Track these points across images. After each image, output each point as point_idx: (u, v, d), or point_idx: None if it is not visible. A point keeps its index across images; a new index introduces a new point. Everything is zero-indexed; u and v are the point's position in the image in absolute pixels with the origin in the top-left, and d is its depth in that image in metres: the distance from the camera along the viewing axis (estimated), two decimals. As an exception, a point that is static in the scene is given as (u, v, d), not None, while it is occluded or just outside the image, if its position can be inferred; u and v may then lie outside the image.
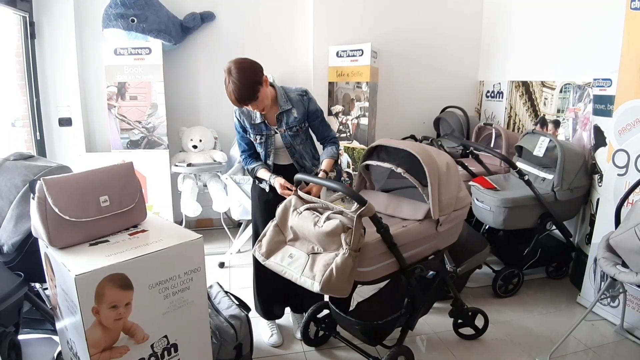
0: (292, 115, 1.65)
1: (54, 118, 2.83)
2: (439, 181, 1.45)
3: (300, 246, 1.41)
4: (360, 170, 1.71)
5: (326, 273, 1.27)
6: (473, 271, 2.27)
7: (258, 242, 1.48)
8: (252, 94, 1.50)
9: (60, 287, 1.22)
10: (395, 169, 1.47)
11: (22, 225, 1.51)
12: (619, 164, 2.02)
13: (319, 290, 1.27)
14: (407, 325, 1.62)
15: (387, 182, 1.74)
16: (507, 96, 3.13)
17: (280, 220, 1.47)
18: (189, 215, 2.71)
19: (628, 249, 1.57)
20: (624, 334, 1.93)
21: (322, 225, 1.32)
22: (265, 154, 1.73)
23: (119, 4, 2.63)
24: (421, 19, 3.27)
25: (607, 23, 2.27)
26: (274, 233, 1.46)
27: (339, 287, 1.28)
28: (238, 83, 1.47)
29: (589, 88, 2.39)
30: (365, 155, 1.63)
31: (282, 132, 1.68)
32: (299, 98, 1.67)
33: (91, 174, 1.31)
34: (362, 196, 1.31)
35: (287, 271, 1.37)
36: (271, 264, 1.43)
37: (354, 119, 3.03)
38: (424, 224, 1.50)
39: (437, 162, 1.46)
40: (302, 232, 1.39)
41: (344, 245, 1.28)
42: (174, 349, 1.28)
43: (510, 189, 2.30)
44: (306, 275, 1.31)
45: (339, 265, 1.27)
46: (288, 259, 1.39)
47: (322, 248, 1.35)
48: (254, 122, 1.68)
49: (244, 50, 3.10)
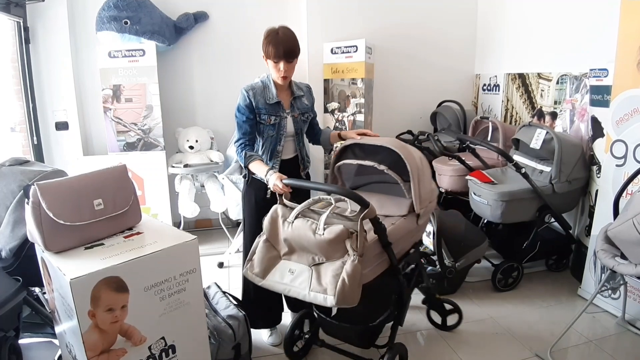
0: (304, 102, 1.74)
1: (50, 122, 2.84)
2: (418, 175, 1.44)
3: (298, 259, 1.32)
4: (334, 171, 1.63)
5: (338, 284, 1.20)
6: (472, 265, 2.28)
7: (248, 261, 1.38)
8: (297, 50, 1.59)
9: (57, 291, 1.23)
10: (378, 166, 1.43)
11: (19, 230, 1.51)
12: (617, 155, 2.00)
13: (334, 304, 1.20)
14: (396, 321, 1.59)
15: (355, 179, 1.70)
16: (504, 89, 3.11)
17: (270, 233, 1.36)
18: (187, 216, 2.71)
19: (626, 241, 1.56)
20: (625, 325, 1.93)
21: (323, 232, 1.24)
22: (276, 138, 1.65)
23: (112, 6, 2.63)
24: (416, 14, 3.25)
25: (602, 12, 2.25)
26: (266, 249, 1.36)
27: (352, 296, 1.22)
28: (290, 35, 1.57)
29: (585, 79, 2.37)
30: (339, 155, 1.56)
31: (295, 116, 1.70)
32: (307, 90, 1.79)
33: (85, 177, 1.31)
34: (364, 198, 1.25)
35: (291, 289, 1.28)
36: (270, 283, 1.32)
37: (350, 115, 3.02)
38: (408, 218, 1.49)
39: (415, 157, 1.46)
40: (300, 243, 1.30)
41: (351, 251, 1.22)
42: (171, 351, 1.28)
43: (508, 182, 2.29)
44: (315, 290, 1.23)
45: (350, 273, 1.20)
46: (289, 275, 1.30)
47: (325, 257, 1.27)
48: (270, 103, 1.64)
49: (238, 49, 3.11)
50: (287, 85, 1.70)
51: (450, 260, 2.12)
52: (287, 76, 1.63)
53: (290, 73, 1.63)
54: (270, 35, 1.56)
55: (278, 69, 1.60)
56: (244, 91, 1.64)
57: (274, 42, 1.55)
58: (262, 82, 1.67)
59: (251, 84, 1.66)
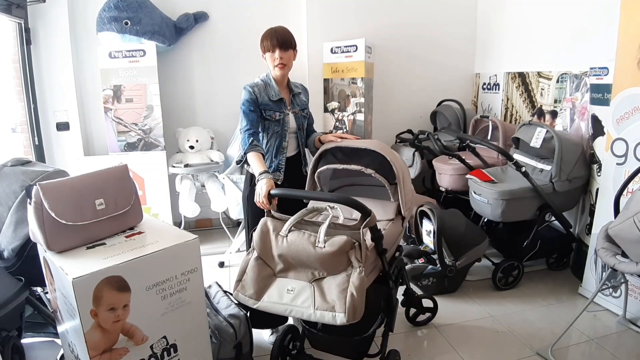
0: (302, 98, 1.78)
1: (51, 123, 2.84)
2: (403, 177, 1.42)
3: (296, 275, 1.22)
4: (313, 175, 1.58)
5: (348, 299, 1.12)
6: (472, 264, 2.28)
7: (237, 282, 1.27)
8: (292, 41, 1.64)
9: (60, 291, 1.23)
10: (365, 170, 1.37)
11: (21, 230, 1.52)
12: (617, 153, 2.00)
13: (344, 321, 1.12)
14: (388, 328, 1.52)
15: (331, 183, 1.67)
16: (504, 88, 3.11)
17: (262, 250, 1.26)
18: (187, 215, 2.72)
19: (627, 239, 1.56)
20: (626, 324, 1.92)
21: (324, 245, 1.16)
22: (281, 134, 1.66)
23: (112, 7, 2.63)
24: (415, 12, 3.25)
25: (602, 11, 2.25)
26: (258, 267, 1.25)
27: (360, 310, 1.14)
28: (285, 29, 1.63)
29: (585, 77, 2.37)
30: (318, 160, 1.52)
31: (296, 112, 1.73)
32: (302, 87, 1.83)
33: (86, 177, 1.32)
34: (365, 205, 1.19)
35: (293, 309, 1.19)
36: (268, 305, 1.22)
37: (350, 115, 3.02)
38: (395, 222, 1.47)
39: (398, 159, 1.43)
40: (298, 259, 1.21)
41: (356, 263, 1.16)
42: (173, 350, 1.29)
43: (508, 181, 2.29)
44: (322, 308, 1.15)
45: (357, 286, 1.13)
46: (288, 294, 1.20)
47: (326, 272, 1.19)
48: (273, 99, 1.66)
49: (238, 49, 3.11)
50: (286, 84, 1.73)
51: (451, 259, 2.12)
52: (285, 64, 1.63)
53: (287, 62, 1.64)
54: (266, 32, 1.65)
55: (274, 58, 1.62)
56: (248, 87, 1.65)
57: (269, 33, 1.63)
58: (262, 81, 1.69)
59: (253, 82, 1.68)
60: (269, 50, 1.62)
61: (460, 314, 2.06)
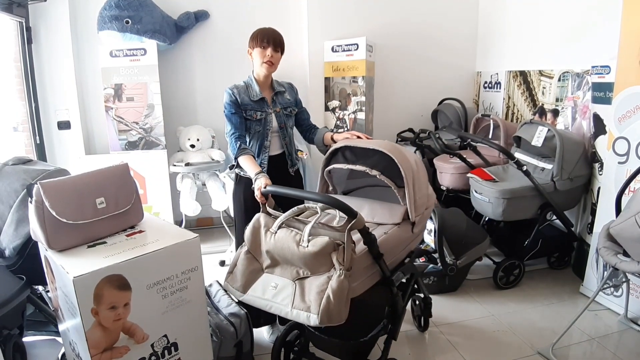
0: (285, 97, 1.77)
1: (53, 122, 2.85)
2: (413, 180, 1.36)
3: (281, 272, 1.23)
4: (324, 175, 1.56)
5: (323, 301, 1.11)
6: (473, 263, 2.28)
7: (229, 273, 1.31)
8: (283, 43, 1.67)
9: (61, 289, 1.24)
10: (370, 171, 1.33)
11: (23, 229, 1.52)
12: (619, 152, 2.00)
13: (317, 323, 1.11)
14: (390, 335, 1.48)
15: (348, 183, 1.63)
16: (505, 86, 3.10)
17: (252, 245, 1.29)
18: (188, 214, 2.72)
19: (629, 238, 1.56)
20: (628, 323, 1.92)
21: (307, 245, 1.15)
22: (263, 134, 1.68)
23: (113, 5, 2.63)
24: (416, 11, 3.24)
25: (604, 9, 2.24)
26: (247, 261, 1.28)
27: (337, 314, 1.13)
28: (279, 32, 1.67)
29: (587, 76, 2.36)
30: (329, 159, 1.49)
31: (278, 111, 1.72)
32: (289, 86, 1.83)
33: (87, 176, 1.32)
34: (351, 207, 1.16)
35: (273, 305, 1.20)
36: (251, 298, 1.24)
37: (351, 113, 3.02)
38: (402, 227, 1.40)
39: (409, 161, 1.38)
40: (283, 256, 1.22)
41: (337, 265, 1.14)
42: (174, 348, 1.29)
43: (509, 180, 2.29)
44: (298, 307, 1.15)
45: (335, 289, 1.12)
46: (271, 290, 1.21)
47: (309, 271, 1.19)
48: (254, 100, 1.67)
49: (239, 48, 3.09)
50: (269, 84, 1.74)
51: (452, 258, 2.12)
52: (273, 63, 1.64)
53: (277, 62, 1.67)
54: (259, 29, 1.66)
55: (264, 54, 1.63)
56: (228, 90, 1.68)
57: (264, 31, 1.64)
58: (244, 83, 1.71)
59: (234, 84, 1.70)
60: (260, 46, 1.63)
61: (461, 313, 2.06)
